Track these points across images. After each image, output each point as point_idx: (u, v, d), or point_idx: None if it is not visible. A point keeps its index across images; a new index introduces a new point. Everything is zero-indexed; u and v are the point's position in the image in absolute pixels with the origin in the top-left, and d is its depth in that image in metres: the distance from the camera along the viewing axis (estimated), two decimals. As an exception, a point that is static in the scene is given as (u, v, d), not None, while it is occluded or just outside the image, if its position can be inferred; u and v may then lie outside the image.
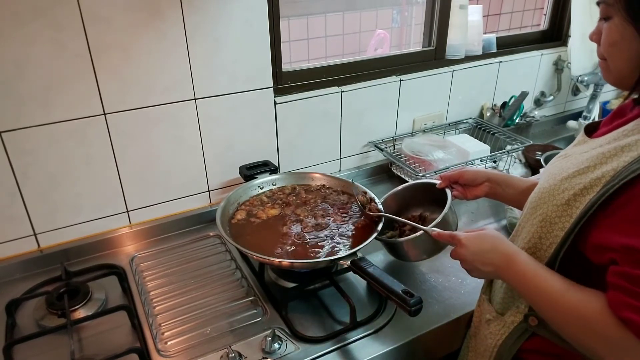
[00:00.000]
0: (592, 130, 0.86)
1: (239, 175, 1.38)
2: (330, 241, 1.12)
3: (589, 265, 0.75)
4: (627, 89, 0.76)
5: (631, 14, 0.69)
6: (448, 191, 1.11)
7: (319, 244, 1.11)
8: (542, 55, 1.90)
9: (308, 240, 1.12)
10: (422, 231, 1.01)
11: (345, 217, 1.20)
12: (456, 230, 1.10)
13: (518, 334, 0.86)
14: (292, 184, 1.34)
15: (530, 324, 0.84)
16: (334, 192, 1.32)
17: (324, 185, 1.34)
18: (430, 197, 1.18)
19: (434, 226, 1.02)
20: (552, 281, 0.76)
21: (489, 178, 1.07)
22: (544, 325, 0.82)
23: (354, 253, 1.02)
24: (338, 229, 1.16)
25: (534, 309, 0.81)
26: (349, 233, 1.15)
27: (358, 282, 1.15)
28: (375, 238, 1.10)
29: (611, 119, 0.83)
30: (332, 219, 1.20)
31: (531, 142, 1.62)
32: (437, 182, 1.14)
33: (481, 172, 1.09)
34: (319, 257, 1.06)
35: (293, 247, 1.10)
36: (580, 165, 0.77)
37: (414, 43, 3.11)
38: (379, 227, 1.11)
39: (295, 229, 1.16)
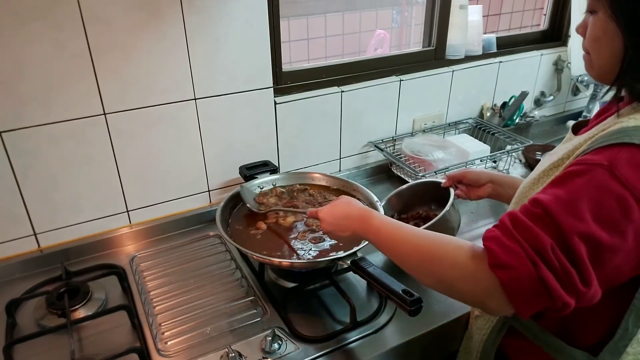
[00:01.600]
0: (579, 129, 0.87)
1: (239, 175, 1.38)
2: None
3: None
4: (607, 83, 0.76)
5: (614, 10, 0.69)
6: (451, 190, 1.13)
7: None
8: (542, 55, 1.90)
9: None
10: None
11: None
12: (458, 228, 1.14)
13: (499, 327, 0.87)
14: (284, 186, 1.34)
15: (507, 315, 0.84)
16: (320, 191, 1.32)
17: (307, 187, 1.35)
18: (434, 196, 1.20)
19: (434, 223, 1.04)
20: (411, 229, 0.80)
21: (492, 179, 1.09)
22: (518, 318, 0.83)
23: (354, 253, 1.02)
24: None
25: (396, 261, 0.81)
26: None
27: (358, 282, 1.15)
28: None
29: (597, 117, 0.84)
30: None
31: (531, 142, 1.62)
32: (442, 181, 1.15)
33: (484, 173, 1.11)
34: (319, 257, 1.06)
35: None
36: (556, 158, 0.78)
37: (414, 43, 3.11)
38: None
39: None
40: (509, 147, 1.59)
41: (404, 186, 1.27)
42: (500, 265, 0.64)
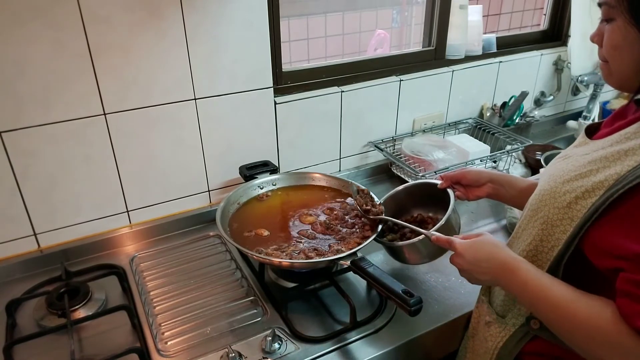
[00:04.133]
0: (592, 132, 0.86)
1: (239, 175, 1.38)
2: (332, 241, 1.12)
3: (593, 269, 0.74)
4: (629, 91, 0.75)
5: (635, 16, 0.68)
6: (450, 192, 1.10)
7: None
8: (542, 55, 1.90)
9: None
10: (422, 235, 1.00)
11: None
12: (459, 231, 1.10)
13: (519, 336, 0.86)
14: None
15: (532, 326, 0.83)
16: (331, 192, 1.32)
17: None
18: (431, 198, 1.18)
19: (437, 229, 1.02)
20: (556, 290, 0.74)
21: (492, 179, 1.07)
22: (546, 328, 0.82)
23: (354, 253, 1.02)
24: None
25: (538, 318, 0.79)
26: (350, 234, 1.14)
27: (358, 282, 1.15)
28: (377, 240, 1.10)
29: (612, 121, 0.82)
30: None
31: (531, 142, 1.62)
32: (438, 182, 1.14)
33: (483, 172, 1.09)
34: (319, 257, 1.06)
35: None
36: (582, 168, 0.76)
37: (414, 43, 3.11)
38: (379, 228, 1.10)
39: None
40: (509, 147, 1.59)
41: (399, 187, 1.24)
42: None
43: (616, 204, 0.69)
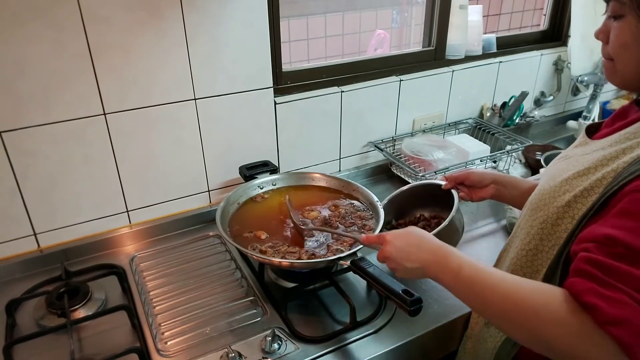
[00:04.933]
0: (593, 132, 0.85)
1: (239, 175, 1.38)
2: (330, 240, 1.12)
3: None
4: (632, 90, 0.75)
5: None
6: (455, 193, 1.10)
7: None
8: (542, 55, 1.90)
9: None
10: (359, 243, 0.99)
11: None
12: (462, 232, 1.11)
13: None
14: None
15: None
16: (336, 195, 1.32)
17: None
18: (435, 198, 1.18)
19: (442, 229, 1.02)
20: (496, 273, 0.72)
21: (495, 180, 1.07)
22: None
23: (354, 253, 1.01)
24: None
25: (470, 306, 0.75)
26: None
27: (358, 282, 1.15)
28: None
29: (612, 121, 0.82)
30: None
31: (531, 142, 1.62)
32: (442, 182, 1.14)
33: (487, 173, 1.09)
34: (319, 257, 1.06)
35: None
36: (581, 167, 0.76)
37: (414, 43, 3.11)
38: (378, 228, 1.10)
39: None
40: (509, 147, 1.59)
41: (403, 188, 1.25)
42: (612, 322, 0.59)
43: (610, 199, 0.69)
